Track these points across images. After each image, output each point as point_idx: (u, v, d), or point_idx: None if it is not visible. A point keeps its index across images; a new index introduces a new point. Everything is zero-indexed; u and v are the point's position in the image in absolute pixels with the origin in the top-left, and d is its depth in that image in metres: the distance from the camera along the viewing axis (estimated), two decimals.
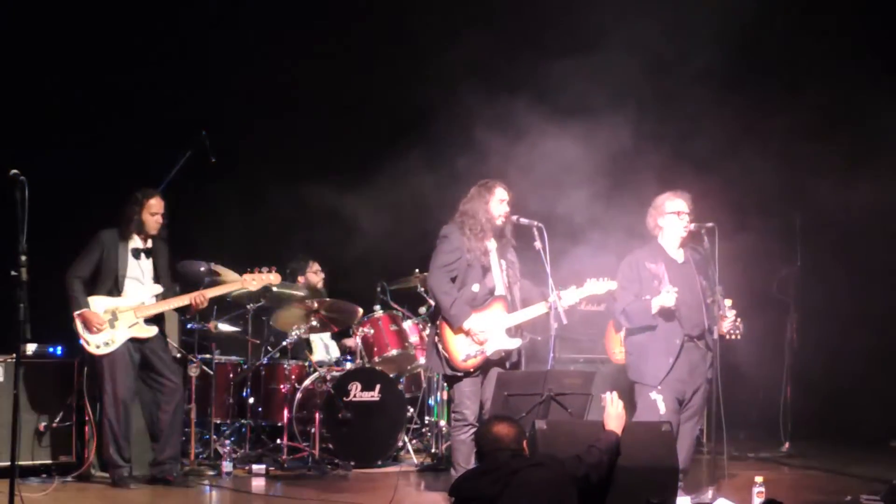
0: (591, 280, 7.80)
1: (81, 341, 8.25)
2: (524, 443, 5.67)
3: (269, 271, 8.63)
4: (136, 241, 8.41)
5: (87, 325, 8.21)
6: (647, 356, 7.66)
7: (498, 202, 7.76)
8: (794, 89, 10.68)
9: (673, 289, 7.53)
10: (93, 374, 8.43)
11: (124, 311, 8.29)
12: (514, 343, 7.69)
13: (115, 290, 8.32)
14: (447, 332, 7.63)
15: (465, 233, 7.70)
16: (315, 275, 10.83)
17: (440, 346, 7.65)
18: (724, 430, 7.90)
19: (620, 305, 7.76)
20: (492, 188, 7.78)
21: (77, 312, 8.24)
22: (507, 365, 7.72)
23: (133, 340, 8.30)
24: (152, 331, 8.36)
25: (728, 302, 7.80)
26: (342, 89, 11.19)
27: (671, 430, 6.58)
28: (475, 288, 7.66)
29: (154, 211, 8.39)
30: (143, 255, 8.42)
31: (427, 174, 9.75)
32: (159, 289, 8.41)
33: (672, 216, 7.81)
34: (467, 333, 7.56)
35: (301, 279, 10.70)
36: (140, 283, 8.39)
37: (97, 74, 10.58)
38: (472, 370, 7.61)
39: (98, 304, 8.28)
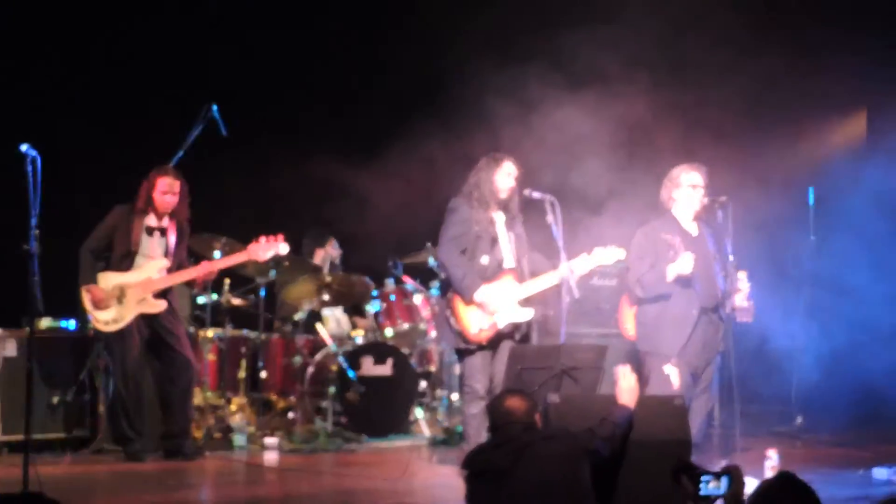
0: (598, 248, 7.81)
1: (90, 317, 8.29)
2: (537, 416, 5.68)
3: (276, 239, 8.53)
4: (150, 219, 8.41)
5: (94, 301, 8.24)
6: (662, 327, 7.68)
7: (504, 175, 7.77)
8: (813, 58, 10.62)
9: (690, 255, 7.53)
10: (103, 349, 8.47)
11: (132, 287, 8.29)
12: (525, 315, 7.72)
13: (126, 266, 8.34)
14: (459, 304, 7.66)
15: (473, 204, 7.72)
16: (333, 250, 10.84)
17: (452, 320, 7.68)
18: (737, 404, 7.91)
19: (635, 275, 7.76)
20: (500, 161, 7.79)
21: (84, 287, 8.27)
22: (518, 337, 7.75)
23: (142, 316, 8.32)
24: (161, 305, 8.36)
25: (742, 274, 7.80)
26: (353, 61, 11.18)
27: (684, 404, 6.57)
28: (484, 260, 7.69)
29: (164, 189, 8.37)
30: (157, 232, 8.42)
31: (440, 146, 9.74)
32: (167, 263, 8.40)
33: (687, 189, 7.81)
34: (479, 305, 7.59)
35: (319, 253, 10.72)
36: (150, 260, 8.40)
37: (105, 47, 10.59)
38: (484, 343, 7.64)
39: (106, 281, 8.29)
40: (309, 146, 10.70)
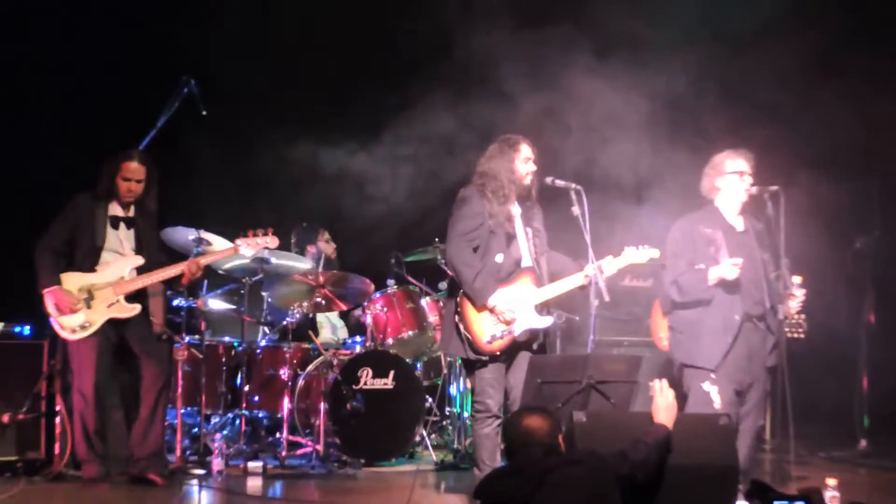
0: (629, 248, 7.73)
1: (54, 324, 8.21)
2: (560, 437, 5.66)
3: (266, 233, 8.54)
4: (115, 209, 8.36)
5: (59, 306, 8.16)
6: (700, 335, 7.62)
7: (524, 161, 7.69)
8: (882, 28, 10.54)
9: (737, 260, 7.46)
10: (64, 359, 8.40)
11: (101, 289, 8.23)
12: (544, 322, 7.63)
13: (91, 263, 8.28)
14: (469, 309, 7.57)
15: (487, 196, 7.63)
16: (326, 244, 10.84)
17: (461, 327, 7.60)
18: (791, 426, 7.84)
19: (671, 276, 7.70)
20: (516, 145, 7.71)
21: (47, 290, 8.18)
22: (535, 346, 7.66)
23: (111, 321, 8.25)
24: (134, 309, 8.31)
25: (797, 279, 7.73)
26: (348, 28, 11.13)
27: (730, 423, 6.52)
28: (499, 258, 7.61)
29: (127, 176, 8.31)
30: (122, 224, 8.37)
31: (450, 125, 9.68)
32: (140, 261, 8.35)
33: (733, 177, 7.76)
34: (492, 311, 7.49)
35: (311, 248, 10.71)
36: (119, 256, 8.34)
37: (71, 20, 10.56)
38: (498, 353, 7.55)
39: (71, 282, 8.22)
40: (298, 125, 10.66)
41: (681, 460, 6.02)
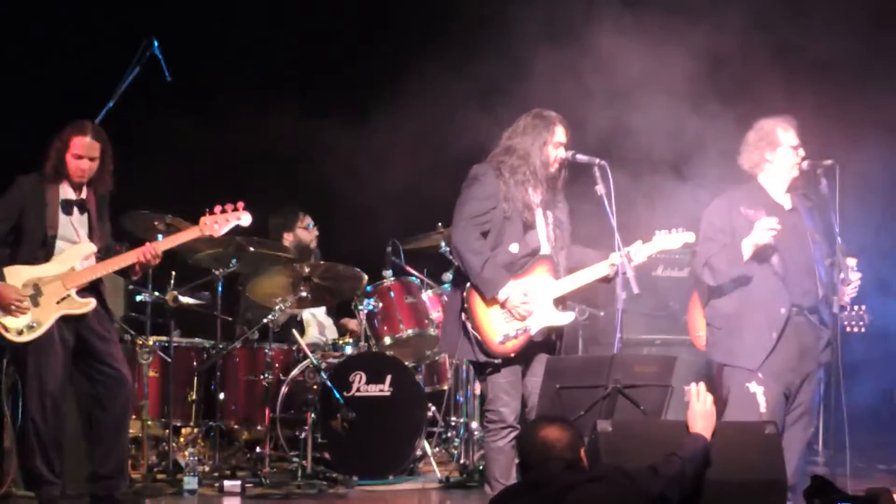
0: (660, 232, 7.71)
1: None
2: (581, 450, 5.65)
3: (235, 209, 8.44)
4: (66, 191, 8.30)
5: (2, 305, 8.13)
6: (740, 330, 7.57)
7: (555, 145, 7.64)
8: None
9: (771, 219, 7.40)
10: (12, 365, 8.39)
11: (49, 283, 8.18)
12: (564, 318, 7.61)
13: (43, 254, 8.23)
14: (478, 304, 7.53)
15: (504, 176, 7.58)
16: (307, 231, 10.83)
17: (469, 325, 7.57)
18: (846, 434, 7.84)
19: (703, 258, 7.64)
20: (552, 125, 7.63)
21: None
22: (553, 339, 7.64)
23: (64, 319, 8.24)
24: (88, 304, 8.25)
25: (852, 262, 7.70)
26: None
27: (776, 433, 6.52)
28: (514, 248, 7.56)
29: (78, 153, 8.23)
30: (75, 208, 8.32)
31: (454, 90, 9.67)
32: (93, 248, 8.31)
33: (787, 150, 7.70)
34: (503, 305, 7.48)
35: (288, 237, 10.69)
36: (72, 245, 8.30)
37: None
38: (512, 355, 7.54)
39: (15, 276, 8.17)
40: (278, 93, 10.65)
41: (720, 475, 6.02)
